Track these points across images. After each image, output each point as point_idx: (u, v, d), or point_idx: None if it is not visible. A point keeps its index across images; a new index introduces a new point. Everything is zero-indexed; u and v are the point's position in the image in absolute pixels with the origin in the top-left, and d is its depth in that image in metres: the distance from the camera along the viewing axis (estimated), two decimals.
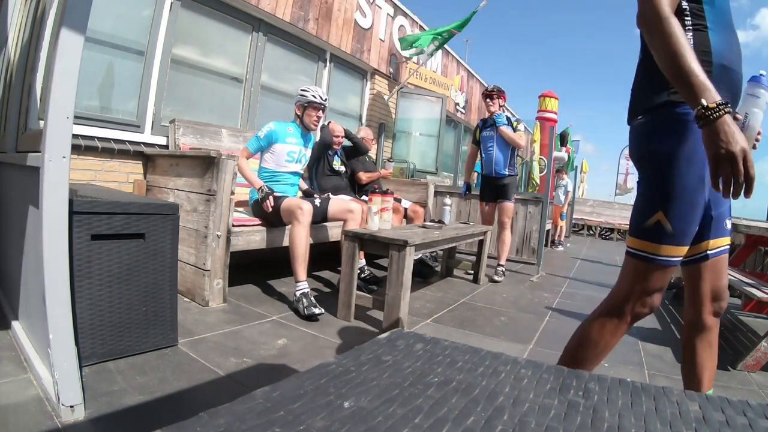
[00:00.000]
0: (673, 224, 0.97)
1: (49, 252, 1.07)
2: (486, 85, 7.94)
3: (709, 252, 1.07)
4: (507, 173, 3.45)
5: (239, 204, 2.55)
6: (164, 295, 1.53)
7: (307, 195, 2.79)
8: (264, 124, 2.51)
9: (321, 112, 2.55)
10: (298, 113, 2.56)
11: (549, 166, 5.19)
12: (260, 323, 1.96)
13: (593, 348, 1.08)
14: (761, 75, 0.91)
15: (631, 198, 12.35)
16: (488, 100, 3.46)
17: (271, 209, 2.31)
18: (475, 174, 4.59)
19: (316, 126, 2.62)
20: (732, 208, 1.15)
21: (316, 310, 2.07)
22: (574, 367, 0.67)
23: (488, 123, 3.49)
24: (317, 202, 2.58)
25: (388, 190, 2.52)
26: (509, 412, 0.51)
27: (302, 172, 2.68)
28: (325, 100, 2.55)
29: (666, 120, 0.98)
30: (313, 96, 2.50)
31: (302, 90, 2.54)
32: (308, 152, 2.67)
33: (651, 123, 1.02)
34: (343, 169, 3.41)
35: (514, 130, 3.41)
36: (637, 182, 1.07)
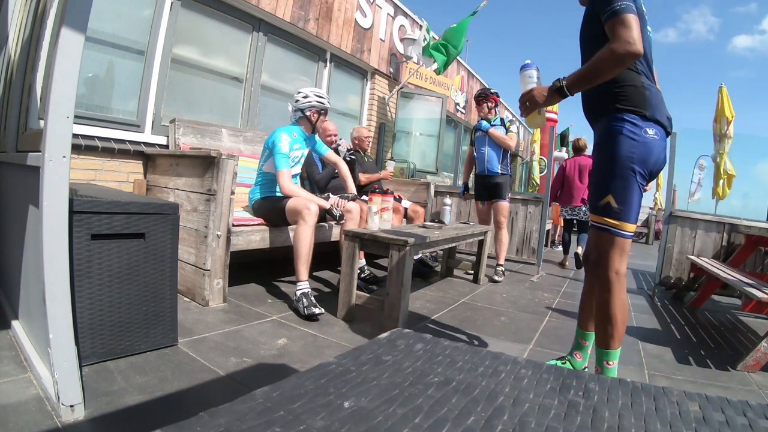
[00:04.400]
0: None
1: (49, 252, 1.07)
2: (486, 85, 7.95)
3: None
4: (500, 171, 3.46)
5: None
6: (164, 294, 1.53)
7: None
8: (273, 135, 2.42)
9: None
10: (313, 119, 2.55)
11: (549, 166, 5.19)
12: (260, 323, 1.97)
13: None
14: (527, 63, 1.46)
15: None
16: (476, 105, 3.54)
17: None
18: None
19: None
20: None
21: (316, 310, 2.07)
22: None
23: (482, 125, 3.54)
24: (335, 212, 2.39)
25: (388, 189, 2.52)
26: (509, 412, 0.51)
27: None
28: None
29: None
30: (329, 103, 2.58)
31: (318, 95, 2.52)
32: (306, 152, 2.67)
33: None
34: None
35: (507, 130, 3.43)
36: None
